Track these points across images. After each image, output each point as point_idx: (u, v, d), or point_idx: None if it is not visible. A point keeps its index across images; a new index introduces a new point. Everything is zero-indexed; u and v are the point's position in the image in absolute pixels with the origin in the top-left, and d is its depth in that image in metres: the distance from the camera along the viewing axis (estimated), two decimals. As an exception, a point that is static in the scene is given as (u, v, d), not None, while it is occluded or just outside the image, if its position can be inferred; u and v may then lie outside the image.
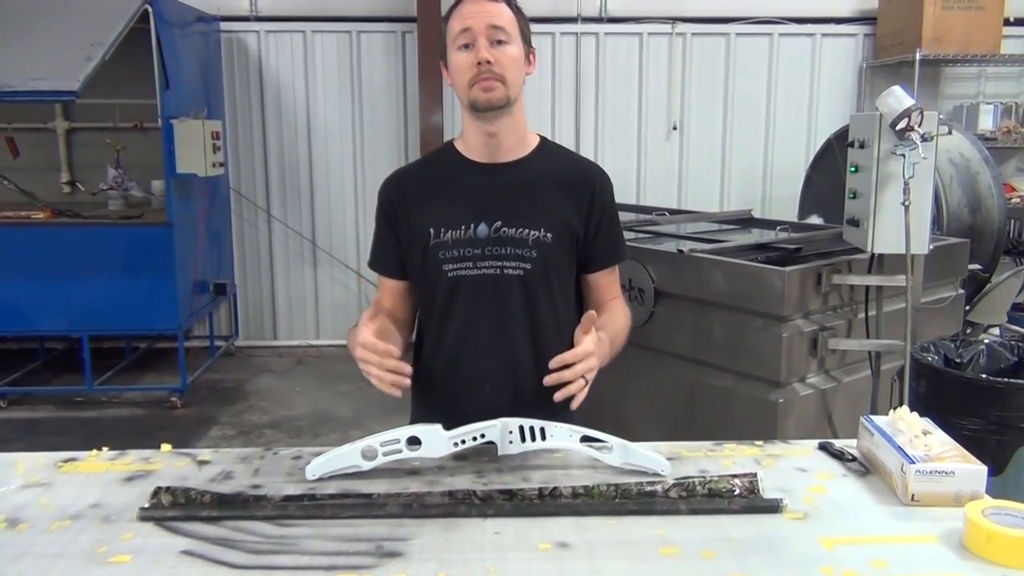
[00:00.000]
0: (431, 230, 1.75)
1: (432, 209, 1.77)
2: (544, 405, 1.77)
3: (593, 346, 1.56)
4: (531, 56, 1.76)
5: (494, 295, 1.75)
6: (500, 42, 1.67)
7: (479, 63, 1.65)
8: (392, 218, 1.82)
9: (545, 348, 1.80)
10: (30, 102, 4.81)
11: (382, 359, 1.52)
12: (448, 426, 1.52)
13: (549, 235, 1.75)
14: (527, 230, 1.74)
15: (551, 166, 1.82)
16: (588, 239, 1.81)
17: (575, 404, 1.56)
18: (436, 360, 1.84)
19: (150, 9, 4.87)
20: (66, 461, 1.58)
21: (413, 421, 1.91)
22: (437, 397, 1.85)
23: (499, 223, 1.74)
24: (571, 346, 1.87)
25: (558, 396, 1.54)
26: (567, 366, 1.54)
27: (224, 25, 6.17)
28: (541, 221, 1.75)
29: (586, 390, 1.57)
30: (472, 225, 1.74)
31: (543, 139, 1.86)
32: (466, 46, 1.67)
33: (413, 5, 5.93)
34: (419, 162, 2.00)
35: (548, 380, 1.55)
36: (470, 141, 1.80)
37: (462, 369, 1.81)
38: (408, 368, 1.55)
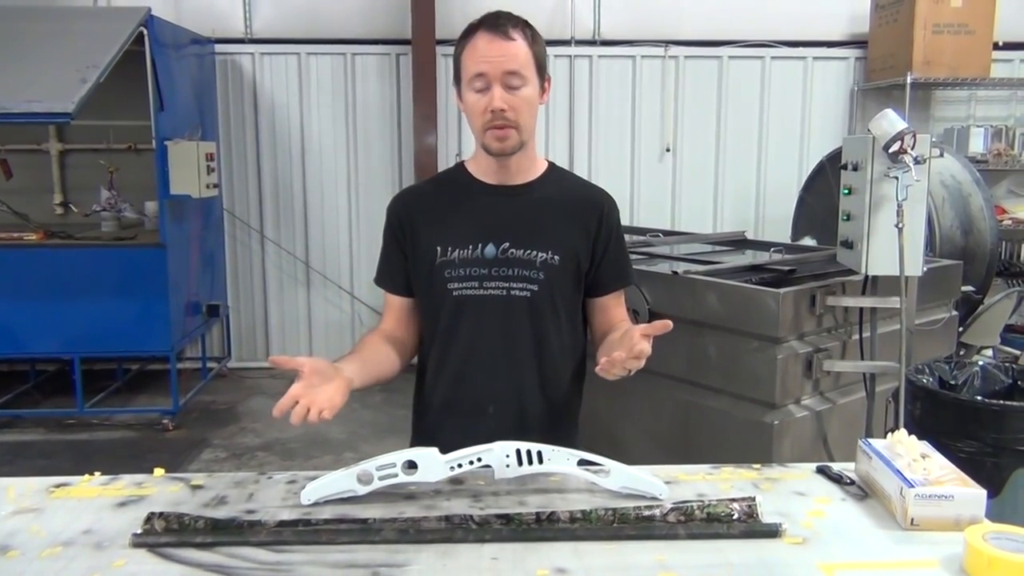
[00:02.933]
0: (438, 248, 1.76)
1: (440, 228, 1.78)
2: (548, 426, 1.77)
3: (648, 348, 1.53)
4: (546, 84, 1.75)
5: (500, 316, 1.76)
6: (515, 86, 1.67)
7: (493, 110, 1.66)
8: (400, 235, 1.83)
9: (550, 370, 1.81)
10: (25, 124, 4.81)
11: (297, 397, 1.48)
12: (451, 445, 1.51)
13: (556, 258, 1.76)
14: (535, 252, 1.75)
15: (560, 191, 1.84)
16: (596, 263, 1.82)
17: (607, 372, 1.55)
18: (439, 380, 1.84)
19: (145, 31, 4.88)
20: (58, 486, 1.56)
21: (414, 439, 1.90)
22: (440, 416, 1.85)
23: (507, 244, 1.75)
24: (577, 368, 1.88)
25: (601, 369, 1.54)
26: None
27: (219, 47, 6.19)
28: (549, 244, 1.76)
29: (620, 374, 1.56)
30: (480, 245, 1.75)
31: (551, 164, 1.88)
32: (480, 89, 1.67)
33: (407, 27, 5.97)
34: (429, 181, 2.01)
35: (600, 368, 1.54)
36: (482, 165, 1.81)
37: (466, 389, 1.81)
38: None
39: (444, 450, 1.49)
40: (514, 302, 1.75)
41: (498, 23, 1.68)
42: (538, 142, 6.10)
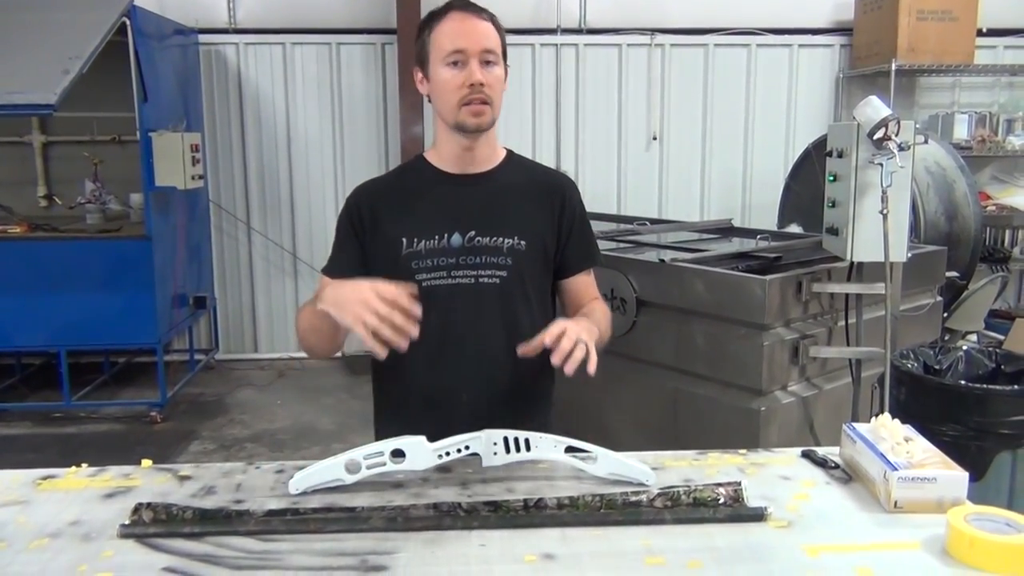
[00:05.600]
0: (404, 240, 1.76)
1: (405, 219, 1.79)
2: (521, 411, 1.78)
3: (564, 325, 1.57)
4: (506, 73, 1.79)
5: (470, 304, 1.77)
6: (489, 63, 1.71)
7: (472, 84, 1.68)
8: (359, 228, 1.82)
9: (522, 357, 1.81)
10: (6, 116, 4.76)
11: (392, 312, 1.46)
12: (425, 434, 1.51)
13: (523, 243, 1.77)
14: (501, 239, 1.76)
15: (521, 177, 1.86)
16: (561, 245, 1.83)
17: (591, 367, 1.55)
18: (407, 370, 1.81)
19: (128, 22, 4.85)
20: (45, 478, 1.56)
21: (378, 431, 1.89)
22: (410, 406, 1.84)
23: (473, 232, 1.76)
24: (547, 355, 1.89)
25: (569, 369, 1.53)
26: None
27: (203, 37, 6.15)
28: (515, 229, 1.78)
29: (593, 355, 1.56)
30: (446, 235, 1.76)
31: (510, 152, 1.90)
32: (455, 63, 1.69)
33: (393, 16, 5.94)
34: (391, 174, 2.01)
35: (556, 359, 1.54)
36: (444, 153, 1.82)
37: (437, 378, 1.80)
38: (414, 330, 1.48)
39: (425, 438, 1.50)
40: (484, 289, 1.76)
41: (469, 5, 1.74)
42: (524, 131, 6.08)
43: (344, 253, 1.85)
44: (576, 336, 1.55)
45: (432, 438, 1.50)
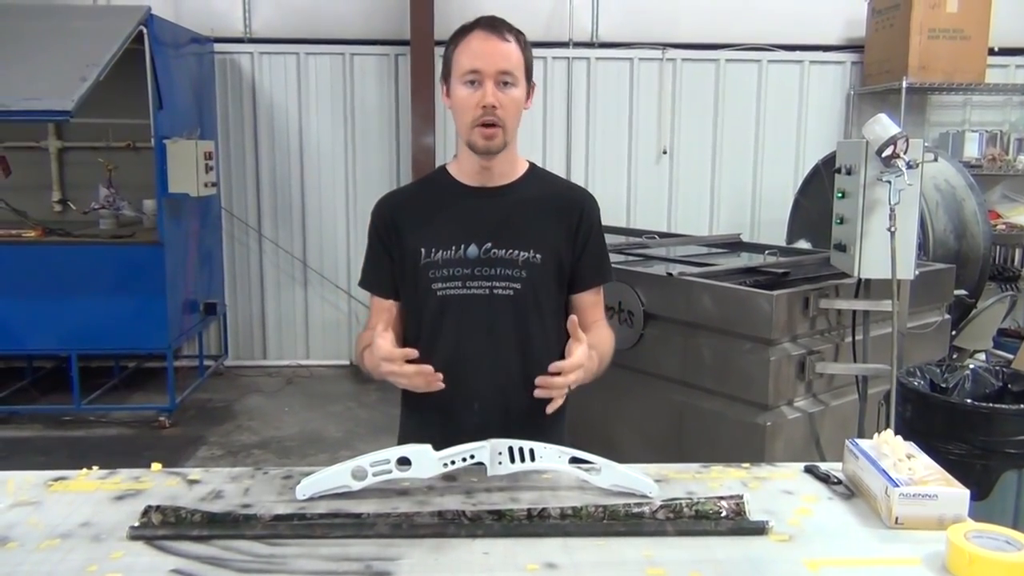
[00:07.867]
0: (422, 250, 1.80)
1: (424, 229, 1.82)
2: (533, 422, 1.79)
3: (584, 358, 1.61)
4: (531, 91, 1.80)
5: (483, 314, 1.79)
6: (506, 84, 1.72)
7: (484, 106, 1.70)
8: (385, 238, 1.87)
9: (534, 367, 1.82)
10: (24, 121, 4.82)
11: (402, 368, 1.60)
12: (438, 442, 1.53)
13: (539, 256, 1.79)
14: (517, 251, 1.78)
15: (540, 191, 1.88)
16: (575, 259, 1.84)
17: (551, 408, 1.63)
18: None
19: (145, 30, 4.90)
20: (56, 480, 1.58)
21: (402, 436, 1.92)
22: (426, 414, 1.87)
23: (489, 244, 1.78)
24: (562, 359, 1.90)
25: (539, 393, 1.61)
26: (558, 374, 1.60)
27: (218, 46, 6.21)
28: (531, 243, 1.79)
29: (563, 398, 1.64)
30: (462, 246, 1.78)
31: (532, 165, 1.92)
32: (472, 83, 1.72)
33: (406, 28, 5.98)
34: (413, 185, 2.06)
35: (539, 392, 1.61)
36: (464, 167, 1.85)
37: (451, 387, 1.82)
38: (429, 368, 1.61)
39: (434, 444, 1.51)
40: (497, 301, 1.78)
41: (494, 24, 1.75)
42: (535, 144, 6.09)
43: (375, 266, 1.91)
44: (573, 381, 1.61)
45: (445, 443, 1.52)
